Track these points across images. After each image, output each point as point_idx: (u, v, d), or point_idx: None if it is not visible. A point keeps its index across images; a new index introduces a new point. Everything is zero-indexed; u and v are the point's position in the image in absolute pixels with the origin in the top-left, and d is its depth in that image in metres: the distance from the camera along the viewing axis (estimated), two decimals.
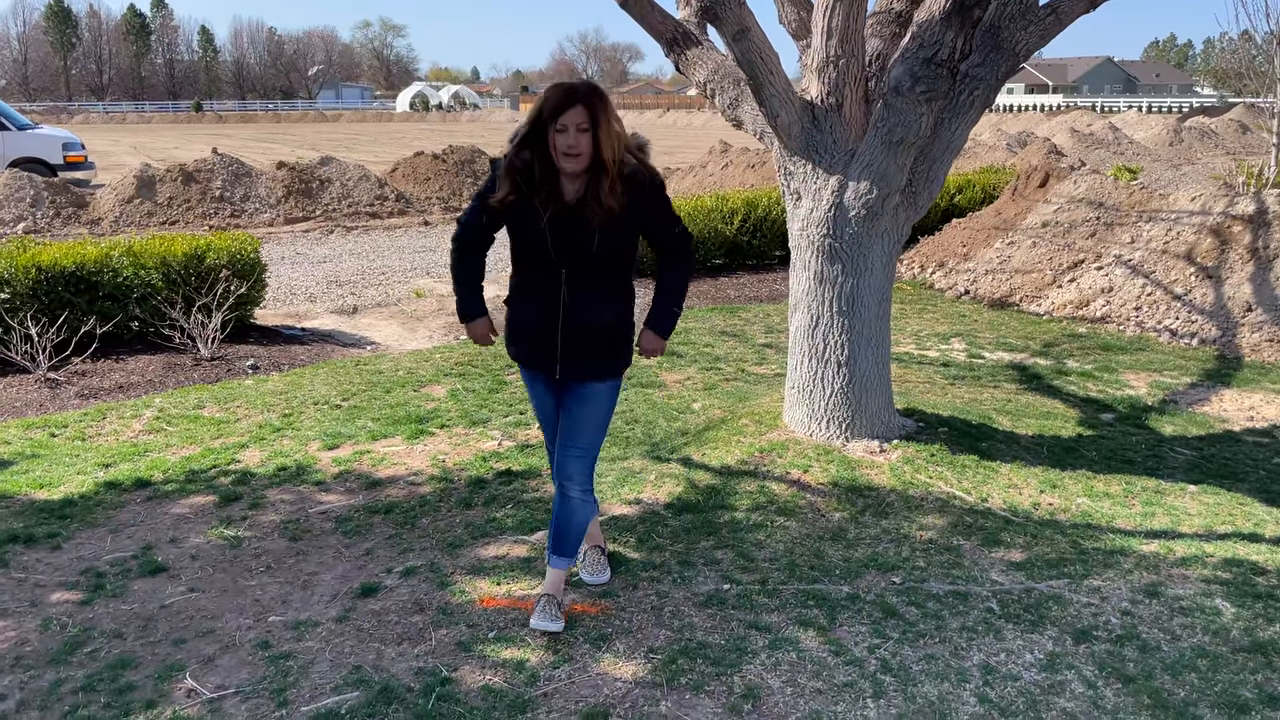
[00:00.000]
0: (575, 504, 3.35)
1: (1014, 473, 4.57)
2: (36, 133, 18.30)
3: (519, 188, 3.07)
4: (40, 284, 6.95)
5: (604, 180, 2.98)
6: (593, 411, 3.29)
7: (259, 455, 5.08)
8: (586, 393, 3.27)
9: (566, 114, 2.93)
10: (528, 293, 3.22)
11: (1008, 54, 4.48)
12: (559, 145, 2.96)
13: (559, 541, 3.38)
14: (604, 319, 3.18)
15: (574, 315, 3.15)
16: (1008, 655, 3.21)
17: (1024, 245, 9.58)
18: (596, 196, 2.99)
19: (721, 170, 18.06)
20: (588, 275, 3.13)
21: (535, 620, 3.29)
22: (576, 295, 3.14)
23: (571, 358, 3.19)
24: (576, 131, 2.93)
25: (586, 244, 3.06)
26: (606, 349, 3.22)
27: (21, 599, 3.64)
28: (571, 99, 2.93)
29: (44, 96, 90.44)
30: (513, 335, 3.32)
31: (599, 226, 3.03)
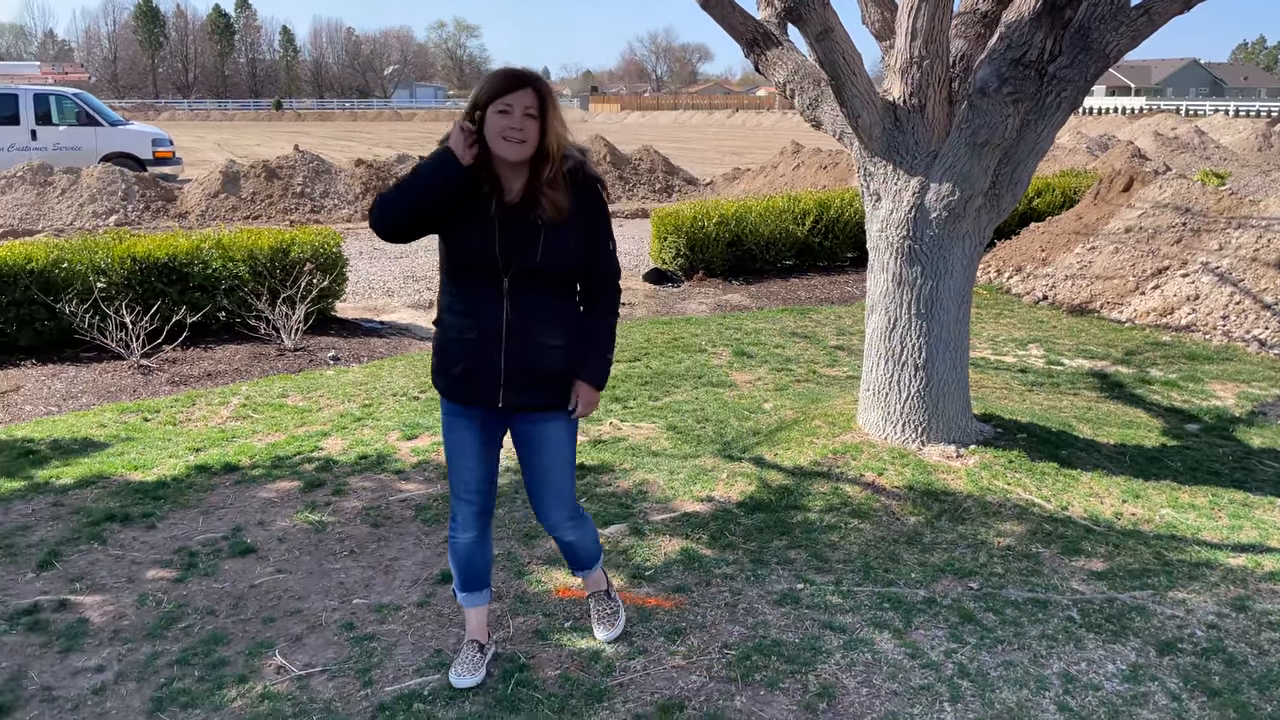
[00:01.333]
0: (575, 544, 3.15)
1: (1095, 481, 4.49)
2: (127, 129, 18.97)
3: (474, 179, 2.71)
4: (135, 274, 7.22)
5: (545, 170, 2.68)
6: (556, 456, 2.96)
7: (341, 444, 5.22)
8: (540, 437, 2.92)
9: (513, 95, 2.62)
10: (465, 307, 2.80)
11: (1097, 55, 4.41)
12: (500, 127, 2.62)
13: (576, 561, 3.25)
14: (552, 340, 2.82)
15: (518, 332, 2.77)
16: (1089, 665, 3.16)
17: (1106, 251, 9.37)
18: (541, 188, 2.69)
19: (793, 171, 17.97)
20: (532, 289, 2.77)
21: (600, 632, 3.30)
22: (520, 310, 2.77)
23: (517, 381, 2.81)
24: (523, 115, 2.62)
25: (531, 248, 2.72)
26: (555, 372, 2.85)
27: (119, 575, 3.80)
28: (520, 82, 2.64)
29: (132, 94, 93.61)
30: (445, 361, 2.87)
31: (545, 224, 2.71)
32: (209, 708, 2.95)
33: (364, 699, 2.99)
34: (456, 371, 2.85)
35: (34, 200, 14.89)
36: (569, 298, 2.88)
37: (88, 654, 3.24)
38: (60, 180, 15.24)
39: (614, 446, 5.11)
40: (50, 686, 3.06)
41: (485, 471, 2.99)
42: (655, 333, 7.90)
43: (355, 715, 2.91)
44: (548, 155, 2.68)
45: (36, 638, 3.34)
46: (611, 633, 3.29)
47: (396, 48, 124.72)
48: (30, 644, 3.30)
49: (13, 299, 6.92)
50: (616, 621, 3.32)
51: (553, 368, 2.84)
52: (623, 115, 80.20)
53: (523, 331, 2.78)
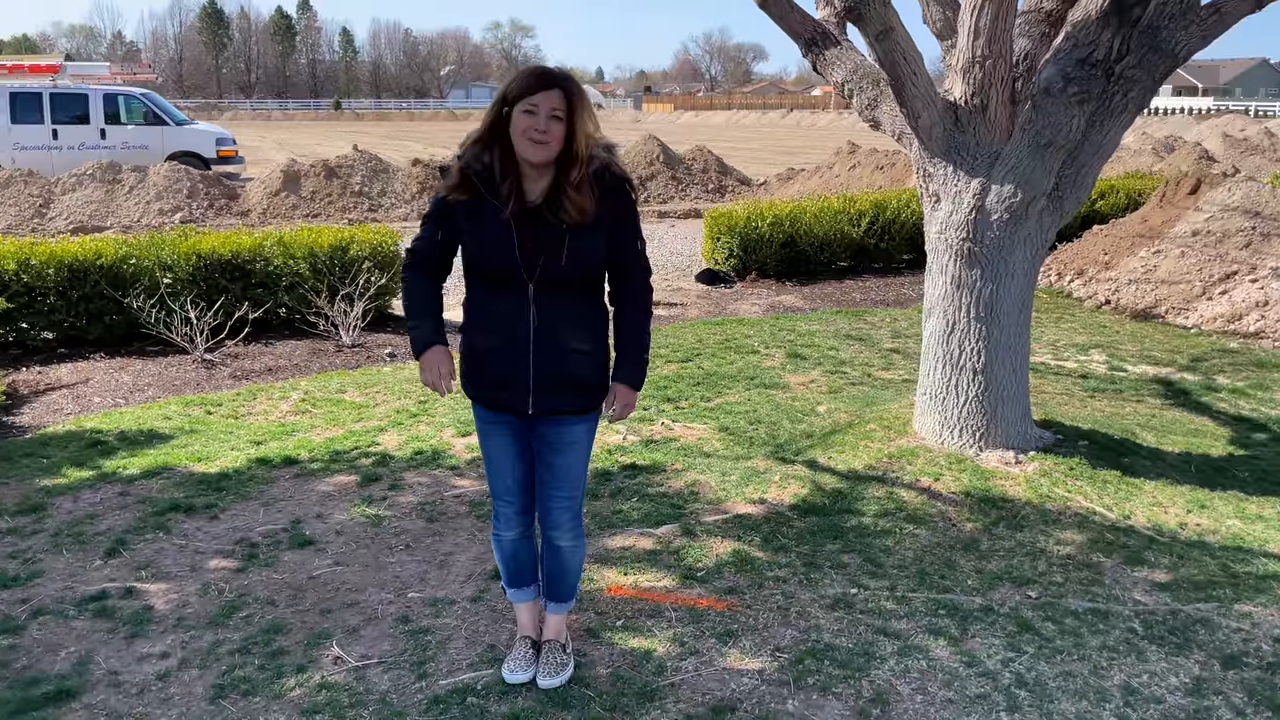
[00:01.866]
0: (565, 553, 3.04)
1: (1159, 491, 4.39)
2: (192, 128, 19.42)
3: (475, 189, 2.68)
4: (199, 270, 7.39)
5: (573, 173, 2.62)
6: (574, 459, 2.92)
7: (397, 439, 5.29)
8: (564, 440, 2.88)
9: (539, 95, 2.57)
10: (490, 316, 2.78)
11: (1166, 55, 4.31)
12: (524, 127, 2.58)
13: (555, 587, 3.10)
14: (580, 346, 2.78)
15: (545, 339, 2.73)
16: (1151, 677, 3.09)
17: (1171, 255, 9.16)
18: (565, 191, 2.63)
19: (848, 171, 17.83)
20: (558, 293, 2.72)
21: (542, 679, 3.03)
22: (547, 316, 2.73)
23: (545, 389, 2.77)
24: (548, 117, 2.57)
25: (555, 252, 2.67)
26: (584, 378, 2.82)
27: (183, 564, 3.89)
28: (547, 82, 2.58)
29: (197, 94, 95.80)
30: (472, 368, 2.85)
31: (569, 227, 2.65)
32: (268, 696, 3.01)
33: (418, 691, 3.03)
34: (486, 380, 2.83)
35: (103, 197, 15.30)
36: (597, 301, 2.84)
37: (152, 640, 3.33)
38: (128, 178, 15.64)
39: (666, 447, 5.11)
40: (116, 671, 3.15)
41: (524, 472, 2.99)
42: (707, 333, 7.89)
43: (410, 708, 2.95)
44: (576, 158, 2.62)
45: (104, 623, 3.43)
46: (553, 680, 3.03)
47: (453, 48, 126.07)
48: (97, 629, 3.40)
49: (83, 294, 7.12)
50: (562, 672, 3.07)
51: (581, 373, 2.81)
52: (676, 115, 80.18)
53: (551, 338, 2.74)
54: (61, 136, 17.91)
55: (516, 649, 3.14)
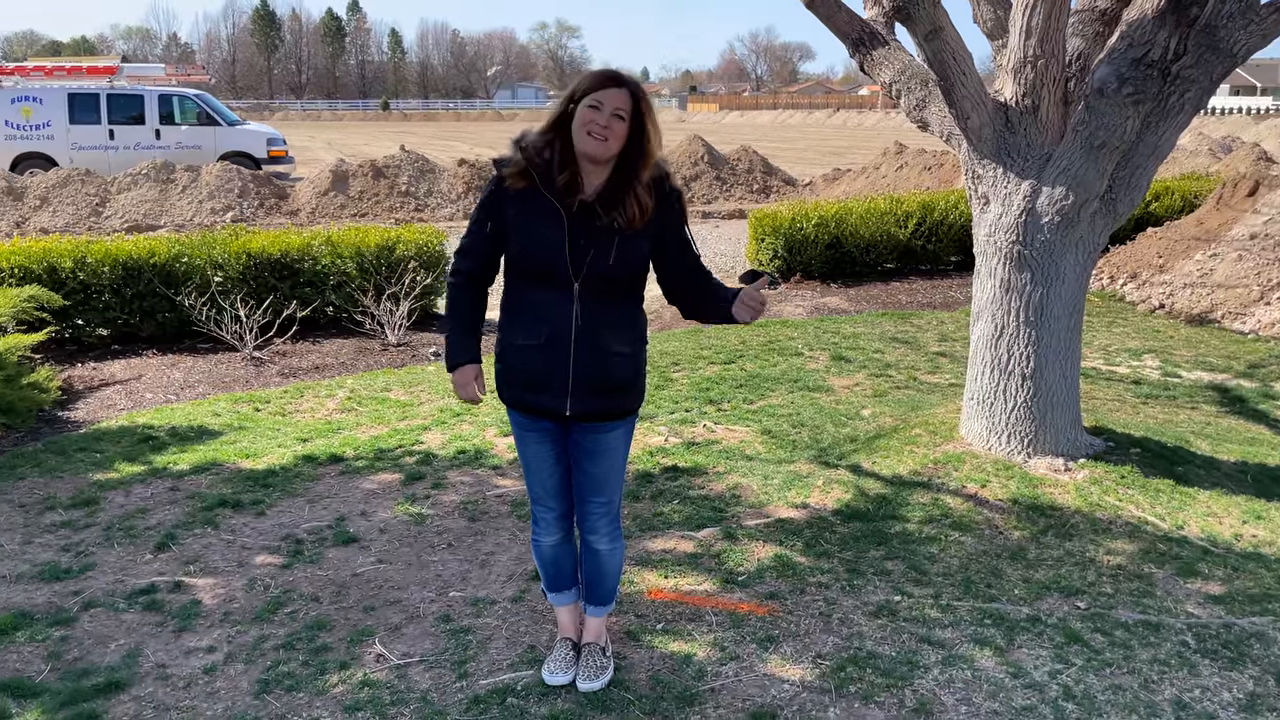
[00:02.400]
0: (604, 556, 3.02)
1: (1214, 500, 4.28)
2: (244, 128, 19.75)
3: (532, 178, 2.69)
4: (249, 269, 7.51)
5: (639, 173, 2.66)
6: (611, 465, 2.91)
7: (440, 438, 5.33)
8: (601, 447, 2.87)
9: (605, 92, 2.61)
10: (532, 313, 2.75)
11: (1225, 55, 4.20)
12: (587, 120, 2.61)
13: (595, 590, 3.09)
14: (620, 348, 2.78)
15: (587, 339, 2.73)
16: (1203, 692, 3.02)
17: (1228, 258, 8.94)
18: (625, 192, 2.67)
19: (895, 172, 17.65)
20: (602, 294, 2.73)
21: (582, 683, 3.03)
22: (590, 317, 2.72)
23: (583, 390, 2.76)
24: (611, 114, 2.60)
25: (605, 251, 2.68)
26: (624, 380, 2.82)
27: (230, 559, 3.95)
28: (617, 82, 2.63)
29: (249, 94, 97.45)
30: (511, 368, 2.82)
31: (620, 228, 2.68)
32: (311, 692, 3.04)
33: (459, 691, 3.04)
34: (522, 380, 2.80)
35: (157, 196, 15.61)
36: (637, 305, 2.86)
37: (199, 634, 3.38)
38: (181, 178, 15.95)
39: (707, 449, 5.09)
40: (164, 664, 3.20)
41: (562, 477, 2.98)
42: (750, 335, 7.85)
43: (450, 707, 2.96)
44: (645, 156, 2.66)
45: (152, 617, 3.49)
46: (593, 684, 3.03)
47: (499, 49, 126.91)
48: (146, 623, 3.46)
49: (136, 291, 7.27)
50: (602, 675, 3.07)
51: (622, 376, 2.80)
52: (721, 115, 79.97)
53: (593, 339, 2.74)
54: (118, 136, 18.31)
55: (557, 650, 3.15)
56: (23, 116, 17.88)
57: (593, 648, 3.13)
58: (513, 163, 2.72)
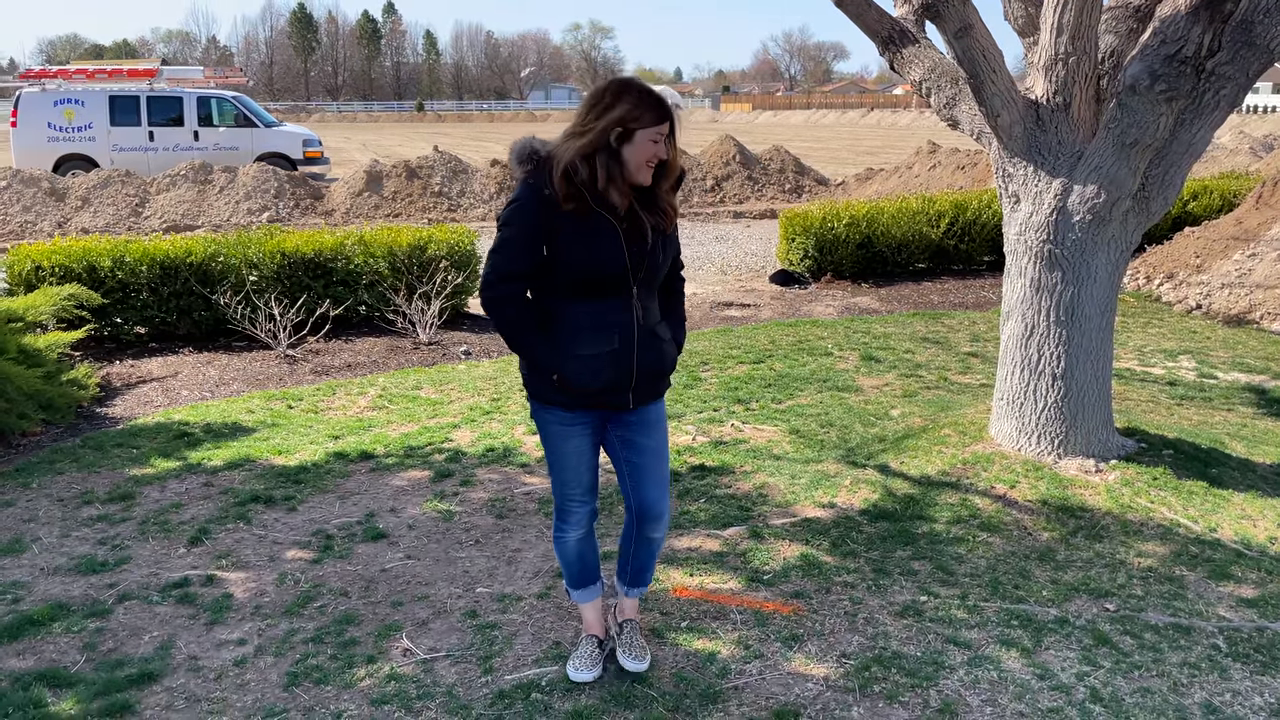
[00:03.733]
0: (657, 544, 3.12)
1: (1248, 503, 4.22)
2: (280, 130, 19.97)
3: (585, 199, 2.72)
4: (283, 269, 7.61)
5: (667, 183, 2.83)
6: (661, 434, 3.04)
7: (469, 436, 5.37)
8: (651, 418, 3.01)
9: (663, 125, 2.70)
10: (598, 323, 2.81)
11: (1261, 51, 4.13)
12: (650, 155, 2.71)
13: (642, 575, 3.18)
14: (666, 336, 2.99)
15: (647, 336, 2.89)
16: (1234, 696, 2.98)
17: (1268, 258, 8.79)
18: (659, 200, 2.83)
19: (928, 171, 17.52)
20: (650, 293, 2.90)
21: (629, 662, 3.12)
22: (645, 316, 2.88)
23: (645, 382, 2.92)
24: (666, 143, 2.73)
25: (655, 254, 2.84)
26: (672, 364, 3.03)
27: (261, 554, 4.01)
28: (669, 113, 2.72)
29: (285, 96, 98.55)
30: (577, 377, 2.84)
31: (657, 233, 2.83)
32: (339, 685, 3.08)
33: (484, 686, 3.07)
34: (591, 388, 2.84)
35: (195, 197, 15.84)
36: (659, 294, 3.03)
37: (231, 627, 3.43)
38: (219, 178, 16.17)
39: (735, 449, 5.09)
40: (196, 656, 3.26)
41: (593, 472, 3.05)
42: (780, 335, 7.83)
43: (475, 701, 2.99)
44: (675, 170, 2.84)
45: (185, 609, 3.56)
46: (641, 664, 3.12)
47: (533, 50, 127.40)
48: (179, 615, 3.52)
49: (174, 290, 7.39)
50: (646, 655, 3.17)
51: (672, 360, 3.01)
52: (754, 115, 79.73)
53: (650, 334, 2.90)
54: (157, 138, 18.59)
55: (583, 647, 3.17)
56: (65, 119, 18.22)
57: (633, 624, 3.20)
58: (558, 186, 2.69)
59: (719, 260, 12.39)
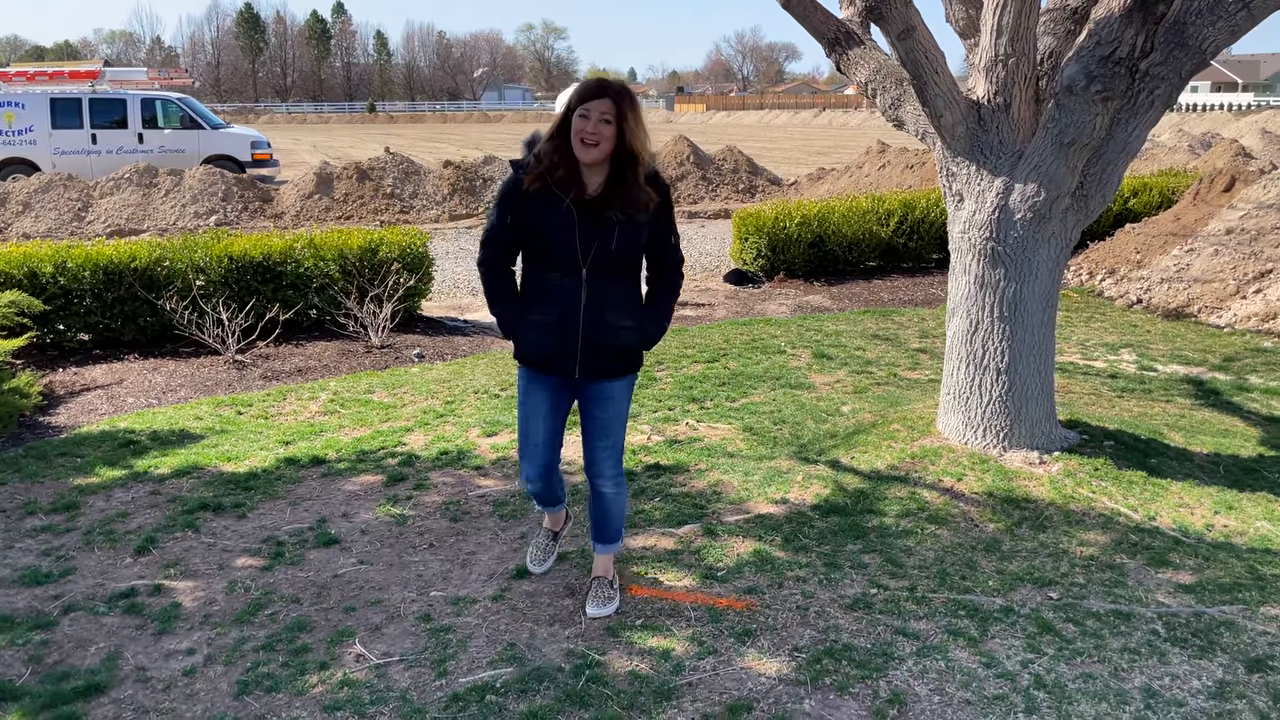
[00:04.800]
0: (610, 497, 3.44)
1: (1186, 492, 4.34)
2: (228, 132, 19.69)
3: (545, 179, 3.06)
4: (231, 273, 7.50)
5: (631, 170, 3.03)
6: (616, 411, 3.33)
7: (423, 439, 5.35)
8: (604, 395, 3.29)
9: (592, 102, 2.98)
10: (546, 293, 3.17)
11: (1193, 51, 4.25)
12: (578, 129, 2.98)
13: (602, 530, 3.51)
14: (623, 322, 3.19)
15: (594, 315, 3.14)
16: (1173, 680, 3.07)
17: (1205, 253, 9.03)
18: (623, 188, 3.04)
19: (878, 171, 17.73)
20: (606, 276, 3.13)
21: (590, 608, 3.45)
22: (596, 295, 3.13)
23: (591, 358, 3.20)
24: (599, 120, 2.96)
25: (607, 240, 3.07)
26: (625, 349, 3.24)
27: (211, 562, 3.96)
28: (601, 91, 3.00)
29: (233, 98, 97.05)
30: (529, 339, 3.24)
31: (620, 223, 3.07)
32: (291, 692, 3.06)
33: (438, 689, 3.07)
34: (540, 350, 3.22)
35: (140, 200, 15.56)
36: (636, 284, 3.27)
37: (179, 637, 3.39)
38: (164, 181, 15.89)
39: (689, 447, 5.13)
40: (144, 667, 3.21)
41: (550, 430, 3.36)
42: (734, 333, 7.89)
43: (430, 705, 2.99)
44: (634, 156, 3.01)
45: (132, 620, 3.51)
46: (603, 609, 3.45)
47: (486, 50, 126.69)
48: (127, 626, 3.47)
49: (118, 295, 7.26)
50: (609, 604, 3.49)
51: (624, 344, 3.23)
52: (708, 115, 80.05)
53: (599, 315, 3.15)
54: (100, 141, 18.23)
55: (540, 538, 3.80)
56: (5, 122, 17.80)
57: (601, 580, 3.53)
58: (530, 165, 3.09)
59: None
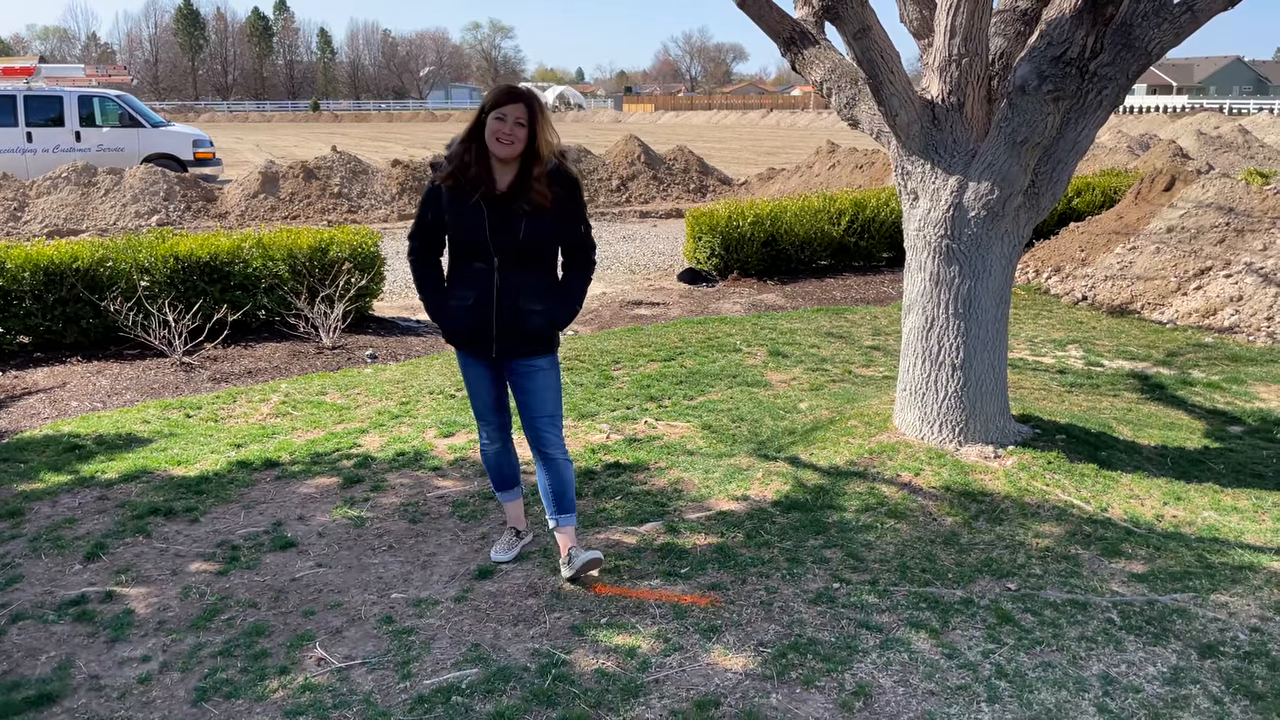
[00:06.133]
0: (560, 465, 3.67)
1: (1136, 483, 4.44)
2: (168, 130, 19.25)
3: (459, 175, 3.37)
4: (177, 273, 7.34)
5: (535, 169, 3.32)
6: (543, 383, 3.59)
7: (379, 441, 5.28)
8: (530, 369, 3.56)
9: (507, 106, 3.28)
10: (463, 279, 3.48)
11: (1139, 53, 4.35)
12: (494, 130, 3.28)
13: (561, 499, 3.69)
14: (533, 306, 3.46)
15: (506, 300, 3.43)
16: (1129, 667, 3.13)
17: (1147, 251, 9.25)
18: (528, 184, 3.32)
19: (828, 170, 17.89)
20: (517, 264, 3.41)
21: (579, 559, 3.64)
22: (507, 282, 3.42)
23: (506, 339, 3.48)
24: (514, 123, 3.27)
25: (514, 230, 3.36)
26: (536, 331, 3.50)
27: (163, 567, 3.87)
28: (515, 97, 3.32)
29: (173, 95, 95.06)
30: (451, 321, 3.55)
31: (527, 214, 3.35)
32: (251, 698, 3.00)
33: (402, 691, 3.03)
34: (460, 331, 3.53)
35: (78, 200, 15.17)
36: (549, 271, 3.53)
37: (133, 644, 3.31)
38: (104, 181, 15.51)
39: (649, 445, 5.13)
40: (97, 675, 3.13)
41: (493, 397, 3.70)
42: (690, 332, 7.91)
43: (394, 707, 2.95)
44: (538, 156, 3.32)
45: (84, 628, 3.41)
46: (590, 554, 3.65)
47: (432, 49, 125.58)
48: (77, 634, 3.38)
49: (59, 297, 7.06)
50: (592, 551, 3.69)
51: (535, 326, 3.49)
52: (657, 115, 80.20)
53: (511, 299, 3.44)
54: (36, 139, 17.72)
55: (504, 537, 3.95)
56: None
57: (575, 550, 3.68)
58: (443, 167, 3.42)
59: (627, 260, 12.44)
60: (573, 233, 3.49)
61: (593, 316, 8.85)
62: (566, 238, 3.50)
